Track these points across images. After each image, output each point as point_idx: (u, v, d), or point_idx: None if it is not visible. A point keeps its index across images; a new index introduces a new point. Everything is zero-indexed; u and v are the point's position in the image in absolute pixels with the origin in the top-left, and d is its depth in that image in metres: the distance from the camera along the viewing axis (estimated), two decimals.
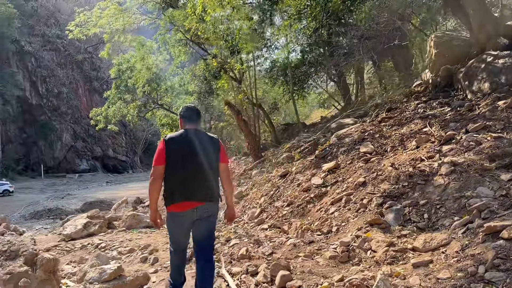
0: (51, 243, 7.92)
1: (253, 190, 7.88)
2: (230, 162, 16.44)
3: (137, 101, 28.34)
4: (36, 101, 52.82)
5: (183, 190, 3.37)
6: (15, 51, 50.20)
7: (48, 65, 54.77)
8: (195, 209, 3.38)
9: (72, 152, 56.44)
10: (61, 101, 55.25)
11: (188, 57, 19.81)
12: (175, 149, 3.41)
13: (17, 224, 20.77)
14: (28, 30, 53.35)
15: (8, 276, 4.07)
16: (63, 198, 32.82)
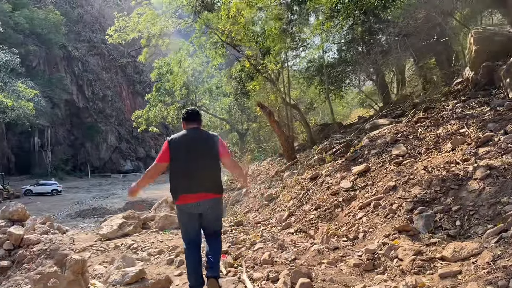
0: (88, 242, 8.20)
1: (283, 192, 7.79)
2: (265, 163, 16.45)
3: (176, 103, 28.99)
4: (82, 104, 55.26)
5: (186, 185, 3.71)
6: (63, 56, 52.75)
7: (93, 69, 57.17)
8: (199, 203, 3.69)
9: (116, 153, 58.56)
10: (106, 103, 57.51)
11: (225, 59, 19.99)
12: (177, 148, 3.77)
13: (63, 222, 21.78)
14: (74, 36, 55.93)
15: (38, 276, 4.22)
16: (107, 197, 34.09)
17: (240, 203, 8.85)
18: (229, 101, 24.76)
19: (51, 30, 48.11)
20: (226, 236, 6.29)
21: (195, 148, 3.77)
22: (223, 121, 28.49)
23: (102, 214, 23.30)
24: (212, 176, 3.82)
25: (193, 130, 3.89)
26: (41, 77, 48.39)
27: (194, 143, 3.80)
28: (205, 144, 3.83)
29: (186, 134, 3.86)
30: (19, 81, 33.16)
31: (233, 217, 8.05)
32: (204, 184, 3.73)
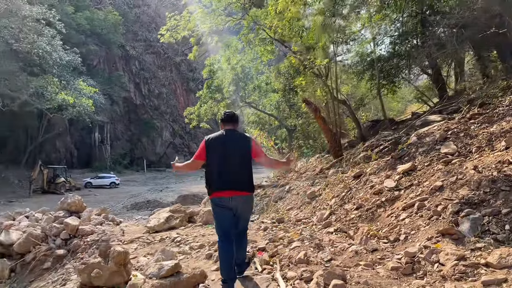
0: (136, 234, 8.53)
1: (325, 190, 7.63)
2: (313, 160, 16.25)
3: (226, 100, 29.37)
4: (139, 101, 57.62)
5: (220, 181, 4.03)
6: (121, 55, 55.25)
7: (149, 67, 59.40)
8: (231, 198, 4.01)
9: (171, 148, 60.55)
10: (161, 101, 59.60)
11: (274, 56, 19.95)
12: (213, 147, 4.11)
13: (119, 214, 22.80)
14: (132, 36, 58.36)
15: (83, 266, 4.44)
16: (161, 191, 35.29)
17: (283, 200, 8.79)
18: (278, 97, 24.65)
19: (110, 30, 50.49)
20: (266, 233, 6.28)
21: (229, 148, 4.08)
22: (271, 117, 28.45)
23: (156, 207, 24.08)
24: (244, 175, 4.12)
25: (229, 131, 4.20)
26: (101, 75, 51.02)
27: (228, 144, 4.11)
28: (238, 144, 4.15)
29: (222, 134, 4.18)
30: (80, 79, 35.12)
31: (275, 214, 8.02)
32: (237, 182, 4.05)
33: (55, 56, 30.35)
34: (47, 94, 29.16)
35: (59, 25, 32.66)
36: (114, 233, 8.89)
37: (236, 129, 4.31)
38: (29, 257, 9.29)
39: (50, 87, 29.20)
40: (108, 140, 53.77)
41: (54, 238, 9.77)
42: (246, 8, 16.16)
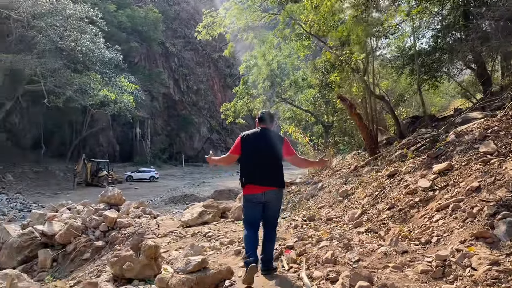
0: (170, 228, 8.72)
1: (358, 189, 7.47)
2: (349, 157, 15.98)
3: (262, 96, 29.37)
4: (178, 97, 58.80)
5: (253, 177, 4.29)
6: (161, 52, 56.50)
7: (188, 64, 60.42)
8: (263, 193, 4.25)
9: (208, 143, 61.43)
10: (199, 97, 60.54)
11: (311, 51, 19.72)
12: (248, 144, 4.38)
13: (157, 207, 23.39)
14: (171, 33, 59.55)
15: (115, 259, 4.59)
16: (198, 185, 35.87)
17: (315, 197, 8.71)
18: (314, 93, 24.36)
19: (150, 28, 51.73)
20: (295, 231, 6.25)
21: (263, 145, 4.35)
22: (308, 113, 28.19)
23: (193, 201, 24.54)
24: (275, 171, 4.35)
25: (263, 130, 4.46)
26: (141, 72, 52.45)
27: (262, 141, 4.37)
28: (271, 143, 4.37)
29: (257, 132, 4.44)
30: (121, 76, 36.24)
31: (306, 211, 7.95)
32: (268, 178, 4.29)
33: (97, 54, 31.46)
34: (90, 90, 30.32)
35: (101, 23, 33.81)
36: (150, 226, 9.13)
37: (271, 128, 4.57)
38: (70, 248, 9.71)
39: (93, 84, 30.34)
40: (149, 135, 55.27)
41: (93, 230, 10.16)
42: (282, 3, 16.04)
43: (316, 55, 24.21)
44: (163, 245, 6.95)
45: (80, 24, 30.40)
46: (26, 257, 9.93)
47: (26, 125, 43.32)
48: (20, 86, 32.33)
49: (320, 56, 21.95)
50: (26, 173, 35.08)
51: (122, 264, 4.50)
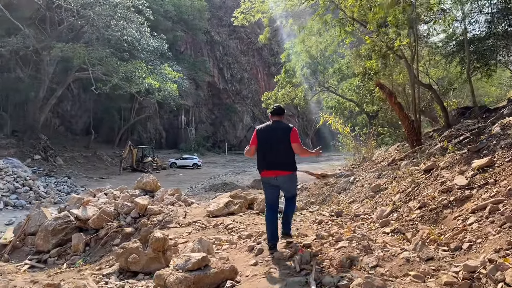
0: (196, 217, 8.58)
1: (392, 184, 6.89)
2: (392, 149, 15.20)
3: (305, 84, 28.73)
4: (222, 86, 59.15)
5: (265, 163, 5.05)
6: (206, 41, 56.90)
7: (233, 52, 60.49)
8: (276, 178, 5.00)
9: (251, 132, 61.33)
10: (243, 85, 60.58)
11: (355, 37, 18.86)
12: (262, 135, 5.10)
13: (198, 194, 23.66)
14: (217, 22, 59.75)
15: (121, 251, 4.43)
16: (239, 174, 35.97)
17: (346, 191, 8.20)
18: (357, 81, 23.42)
19: (196, 17, 52.13)
20: (319, 227, 5.86)
21: (274, 135, 5.03)
22: (351, 102, 27.25)
23: (232, 189, 24.62)
24: (285, 157, 5.01)
25: (275, 122, 5.17)
26: (187, 61, 53.13)
27: (273, 132, 5.06)
28: (281, 133, 5.03)
29: (269, 125, 5.17)
30: (166, 64, 36.80)
31: (335, 206, 7.49)
32: (280, 163, 4.98)
33: (143, 42, 32.05)
34: (135, 78, 31.00)
35: (147, 11, 34.37)
36: (177, 215, 9.05)
37: (282, 120, 5.24)
38: (102, 233, 9.84)
39: (138, 72, 30.97)
40: (193, 123, 56.14)
41: (125, 216, 10.24)
42: None
43: (361, 42, 23.22)
44: (184, 235, 6.80)
45: (127, 13, 31.03)
46: (61, 240, 10.15)
47: (78, 111, 45.33)
48: (71, 73, 33.67)
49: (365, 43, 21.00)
50: (76, 158, 36.69)
51: (127, 256, 4.34)
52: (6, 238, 11.02)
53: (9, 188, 20.26)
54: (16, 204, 19.12)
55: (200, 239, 4.49)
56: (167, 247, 4.56)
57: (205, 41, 57.04)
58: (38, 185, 21.93)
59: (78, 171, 33.13)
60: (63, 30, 32.43)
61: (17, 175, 21.51)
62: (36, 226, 10.85)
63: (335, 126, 16.05)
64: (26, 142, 32.64)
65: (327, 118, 16.54)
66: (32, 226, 11.02)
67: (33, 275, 8.70)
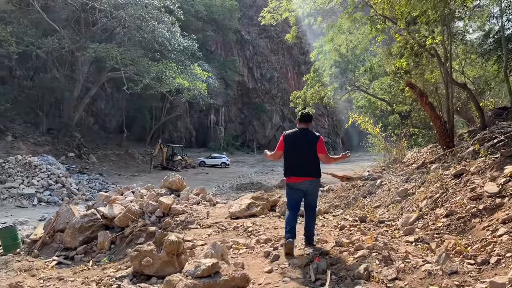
0: (218, 219, 8.51)
1: (420, 189, 6.56)
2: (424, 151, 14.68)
3: (335, 83, 28.25)
4: (252, 85, 59.17)
5: (292, 170, 5.18)
6: (236, 40, 57.04)
7: (262, 52, 60.37)
8: (302, 183, 5.14)
9: (280, 131, 61.13)
10: (272, 84, 60.37)
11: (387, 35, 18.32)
12: (289, 141, 5.20)
13: (225, 193, 23.70)
14: (247, 21, 59.73)
15: (135, 253, 4.39)
16: (267, 173, 35.80)
17: (372, 195, 7.91)
18: (389, 80, 22.77)
19: (226, 16, 52.33)
20: (340, 233, 5.66)
21: (301, 143, 5.15)
22: (383, 102, 26.57)
23: (259, 189, 24.52)
24: (311, 164, 5.15)
25: (302, 129, 5.27)
26: (217, 60, 53.46)
27: (301, 140, 5.16)
28: (307, 140, 5.16)
29: (297, 132, 5.27)
30: (196, 64, 37.13)
31: (360, 210, 7.24)
32: (305, 170, 5.12)
33: (173, 43, 32.43)
34: (166, 78, 31.42)
35: (178, 12, 34.76)
36: (199, 215, 9.02)
37: (309, 127, 5.36)
38: (127, 231, 9.95)
39: (168, 72, 31.38)
40: (222, 122, 56.46)
41: (149, 215, 10.32)
42: None
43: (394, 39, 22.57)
44: (203, 237, 6.74)
45: (158, 14, 31.49)
46: (88, 237, 10.33)
47: (111, 110, 46.50)
48: (104, 73, 34.51)
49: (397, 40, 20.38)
50: (109, 155, 37.62)
51: (141, 259, 4.30)
52: (37, 234, 11.34)
53: (43, 185, 20.94)
54: (49, 200, 19.73)
55: (214, 244, 4.39)
56: (181, 251, 4.49)
57: (235, 40, 57.18)
58: (70, 182, 22.58)
59: (110, 169, 33.94)
60: (96, 31, 33.29)
61: (51, 172, 22.21)
62: (64, 223, 11.09)
63: (365, 126, 15.66)
64: (61, 140, 33.72)
65: (356, 118, 16.14)
66: (61, 223, 11.29)
67: (60, 271, 8.88)
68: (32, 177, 21.55)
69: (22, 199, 18.88)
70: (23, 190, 19.59)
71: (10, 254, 10.22)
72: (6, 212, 16.82)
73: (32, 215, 16.32)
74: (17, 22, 29.94)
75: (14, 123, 31.83)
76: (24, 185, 20.25)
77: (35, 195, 19.90)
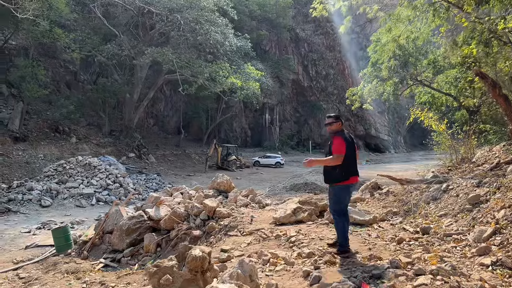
0: (262, 224, 7.87)
1: (496, 195, 5.49)
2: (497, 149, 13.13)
3: (395, 78, 26.57)
4: (307, 83, 58.00)
5: (355, 169, 5.31)
6: (290, 38, 56.21)
7: (318, 49, 58.96)
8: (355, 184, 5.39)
9: None
10: (328, 82, 58.78)
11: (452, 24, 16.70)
12: (348, 143, 5.21)
13: (278, 193, 23.10)
14: (302, 18, 58.66)
15: (154, 270, 3.88)
16: (322, 173, 34.68)
17: (437, 201, 6.82)
18: (455, 73, 20.89)
19: (280, 15, 51.68)
20: (398, 248, 4.79)
21: (354, 144, 5.35)
22: (448, 97, 24.52)
23: (313, 189, 23.65)
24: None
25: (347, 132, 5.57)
26: (271, 59, 52.97)
27: (353, 141, 5.40)
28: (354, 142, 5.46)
29: (348, 134, 5.46)
30: (249, 63, 36.85)
31: (422, 219, 6.24)
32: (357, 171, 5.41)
33: (226, 44, 32.36)
34: (219, 78, 31.41)
35: (232, 12, 34.67)
36: (243, 220, 8.46)
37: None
38: (173, 234, 9.66)
39: (222, 72, 31.34)
40: (277, 121, 55.86)
41: (194, 217, 9.97)
42: None
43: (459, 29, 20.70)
44: (242, 246, 6.14)
45: (211, 16, 31.56)
46: (135, 240, 10.18)
47: (169, 111, 47.68)
48: (161, 76, 35.27)
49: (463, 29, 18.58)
50: (167, 156, 38.46)
51: (160, 276, 3.76)
52: (87, 235, 11.42)
53: (101, 185, 21.55)
54: (107, 200, 20.22)
55: (241, 262, 3.74)
56: (207, 267, 3.91)
57: (290, 38, 56.30)
58: (128, 182, 23.09)
59: (167, 169, 34.61)
60: (154, 35, 34.05)
61: (109, 172, 22.84)
62: (113, 225, 11.06)
63: (428, 123, 14.33)
64: (122, 141, 34.94)
65: (418, 114, 14.81)
66: (110, 224, 11.27)
67: (104, 275, 8.72)
68: (92, 177, 22.26)
69: (81, 198, 19.49)
70: (82, 190, 20.24)
71: (62, 254, 10.32)
72: (65, 212, 17.40)
73: (90, 215, 16.72)
74: (80, 29, 31.35)
75: (79, 125, 33.46)
76: (84, 185, 20.95)
77: (94, 194, 20.48)
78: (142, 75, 34.65)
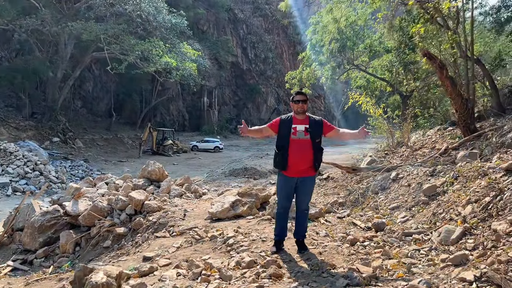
0: (196, 220, 6.91)
1: (454, 186, 4.98)
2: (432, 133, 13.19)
3: (332, 62, 26.49)
4: (246, 66, 57.13)
5: None
6: (229, 19, 54.76)
7: (256, 31, 58.14)
8: None
9: (275, 114, 59.47)
10: (267, 65, 58.36)
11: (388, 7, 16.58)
12: None
13: (217, 179, 22.25)
14: None
15: None
16: (261, 157, 34.35)
17: (386, 191, 6.25)
18: (390, 57, 21.05)
19: None
20: (352, 251, 4.06)
21: None
22: (383, 81, 24.86)
23: (253, 174, 23.14)
24: None
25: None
26: (209, 40, 51.25)
27: None
28: None
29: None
30: (185, 42, 35.04)
31: (372, 212, 5.62)
32: None
33: (159, 18, 30.35)
34: (152, 57, 29.48)
35: None
36: (174, 215, 7.43)
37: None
38: (94, 232, 8.43)
39: (155, 50, 29.40)
40: (216, 104, 54.58)
41: (119, 212, 8.78)
42: None
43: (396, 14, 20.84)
44: (170, 251, 5.15)
45: None
46: (49, 238, 8.86)
47: (99, 93, 44.58)
48: (88, 54, 32.53)
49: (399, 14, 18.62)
50: (96, 140, 35.90)
51: None
52: None
53: (18, 173, 19.34)
54: (25, 190, 18.12)
55: None
56: None
57: (228, 19, 54.81)
58: (49, 169, 20.93)
59: (97, 154, 32.30)
60: (79, 8, 31.08)
61: (28, 159, 20.52)
62: (24, 221, 9.58)
63: (365, 107, 14.10)
64: (45, 124, 32.01)
65: (356, 98, 14.49)
66: (20, 220, 9.76)
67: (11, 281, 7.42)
68: (8, 164, 19.92)
69: None
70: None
71: None
72: None
73: (4, 207, 14.79)
74: None
75: None
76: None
77: (9, 184, 18.34)
78: (66, 52, 31.66)
